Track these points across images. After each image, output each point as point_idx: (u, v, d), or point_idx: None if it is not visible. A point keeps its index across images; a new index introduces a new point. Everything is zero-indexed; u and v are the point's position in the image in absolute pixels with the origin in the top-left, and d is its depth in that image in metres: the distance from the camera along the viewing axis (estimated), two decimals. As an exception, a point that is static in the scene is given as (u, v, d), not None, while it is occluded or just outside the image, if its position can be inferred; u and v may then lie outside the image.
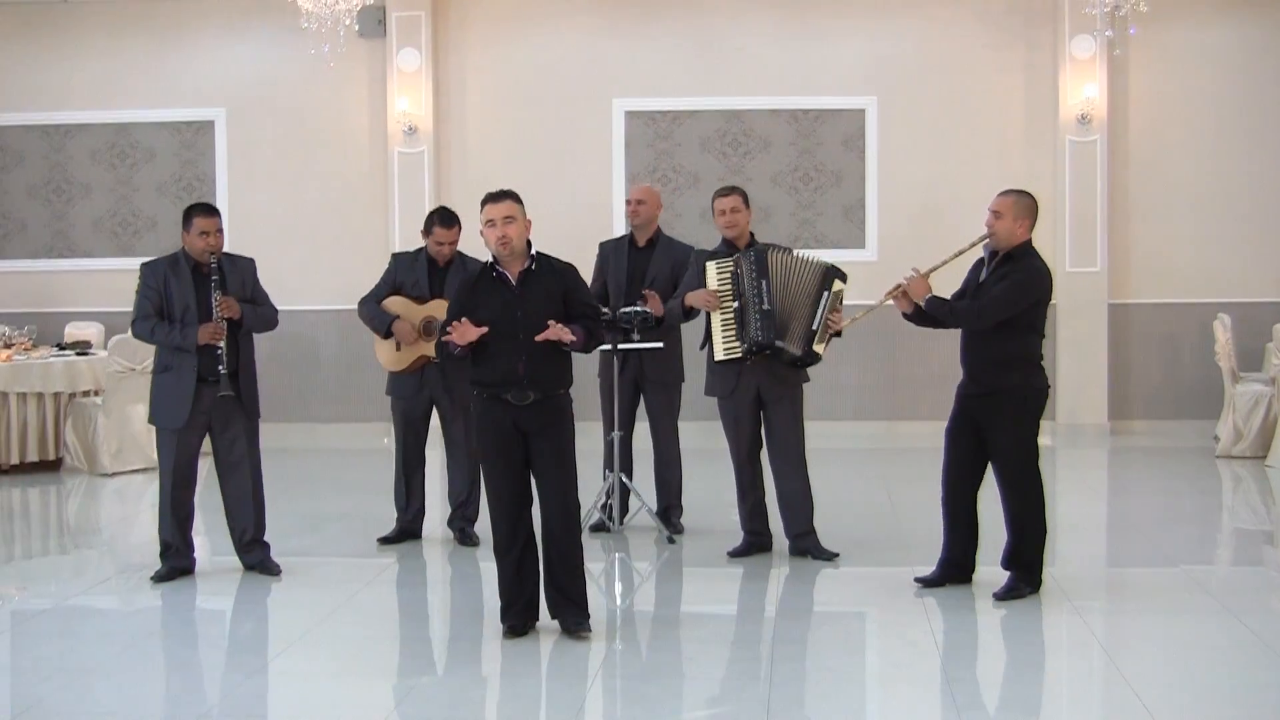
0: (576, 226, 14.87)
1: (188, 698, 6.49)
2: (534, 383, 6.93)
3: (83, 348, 13.80)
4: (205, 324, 8.22)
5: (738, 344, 8.60)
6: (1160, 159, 14.92)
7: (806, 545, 8.90)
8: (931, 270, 8.03)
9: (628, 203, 10.06)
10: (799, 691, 6.40)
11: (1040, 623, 7.52)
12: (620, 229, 14.86)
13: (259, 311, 8.56)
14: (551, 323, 6.91)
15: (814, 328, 8.52)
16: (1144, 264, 14.96)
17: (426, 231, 9.49)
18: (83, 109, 15.68)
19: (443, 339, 7.03)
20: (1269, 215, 14.89)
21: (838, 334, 8.64)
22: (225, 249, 8.45)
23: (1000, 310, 7.75)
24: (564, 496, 7.01)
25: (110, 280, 15.30)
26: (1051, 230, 14.69)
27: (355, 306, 9.88)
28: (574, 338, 6.94)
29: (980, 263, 8.08)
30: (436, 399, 9.38)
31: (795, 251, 8.84)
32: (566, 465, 7.03)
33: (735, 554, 9.00)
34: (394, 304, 9.38)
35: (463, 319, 6.92)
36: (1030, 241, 7.96)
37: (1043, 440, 13.79)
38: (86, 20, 15.63)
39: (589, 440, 9.25)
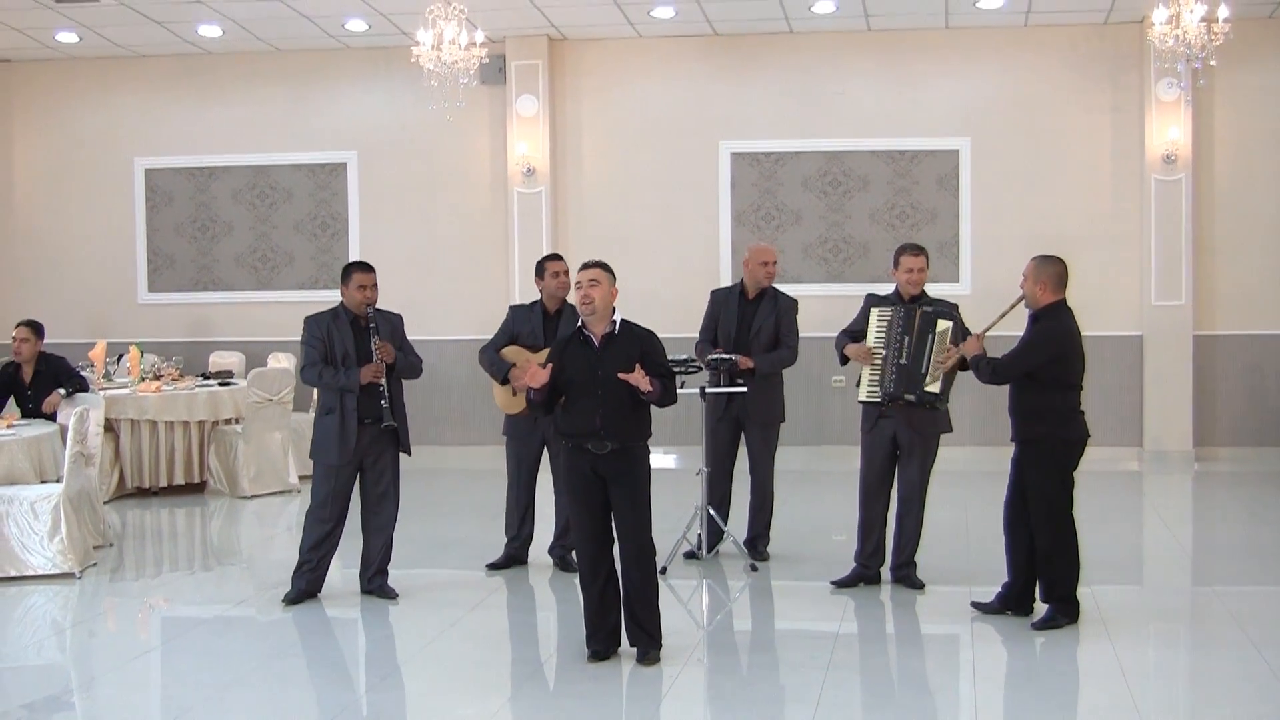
0: (685, 262, 15.85)
1: (309, 712, 7.37)
2: (611, 433, 7.71)
3: (225, 377, 14.83)
4: (367, 365, 9.12)
5: (878, 390, 9.29)
6: (1242, 196, 15.45)
7: (903, 575, 9.59)
8: (986, 330, 8.67)
9: (765, 263, 10.58)
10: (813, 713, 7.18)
11: (1073, 651, 8.11)
12: (726, 263, 15.76)
13: (409, 359, 9.47)
14: (639, 368, 7.66)
15: (923, 371, 9.13)
16: (1227, 297, 15.49)
17: (539, 276, 10.28)
18: (225, 152, 16.85)
19: (514, 382, 7.83)
20: (1348, 248, 15.39)
21: (949, 372, 9.11)
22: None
23: (1012, 369, 8.42)
24: (638, 538, 7.79)
25: (251, 312, 16.45)
26: (1138, 265, 15.33)
27: (478, 336, 10.67)
28: (649, 387, 7.67)
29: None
30: (548, 439, 10.12)
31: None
32: (641, 509, 7.81)
33: (841, 584, 9.65)
34: (510, 352, 10.11)
35: (530, 363, 7.77)
36: (1061, 302, 8.52)
37: (1130, 466, 14.61)
38: (228, 70, 16.80)
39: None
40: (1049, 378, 8.38)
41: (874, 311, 9.41)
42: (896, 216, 15.77)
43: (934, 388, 9.11)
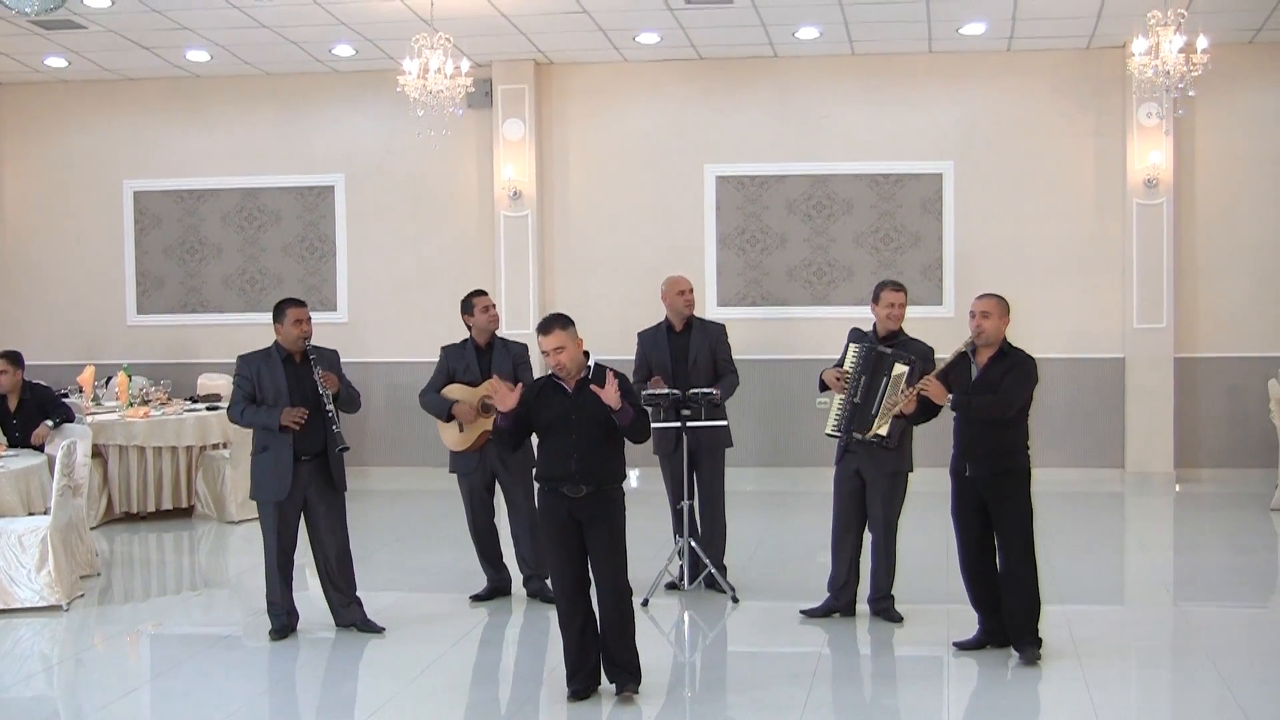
0: (669, 285, 15.85)
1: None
2: (585, 477, 7.78)
3: (213, 401, 14.90)
4: (287, 408, 9.14)
5: (836, 424, 9.42)
6: (1224, 220, 15.59)
7: (881, 608, 9.69)
8: (939, 373, 8.75)
9: (681, 292, 10.68)
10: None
11: (1037, 686, 8.24)
12: (711, 285, 15.88)
13: (349, 392, 9.53)
14: (609, 386, 7.68)
15: (873, 413, 9.22)
16: (1209, 320, 15.63)
17: (468, 312, 10.45)
18: (214, 175, 16.96)
19: (486, 402, 7.90)
20: (1328, 272, 15.52)
21: (901, 416, 9.14)
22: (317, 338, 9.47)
23: (1019, 398, 8.56)
24: (614, 580, 7.86)
25: (239, 334, 16.42)
26: (1120, 288, 15.46)
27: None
28: (618, 404, 7.65)
29: (962, 358, 8.74)
30: (496, 470, 10.27)
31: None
32: (617, 553, 7.89)
33: (811, 614, 9.78)
34: (452, 390, 10.22)
35: (502, 384, 7.85)
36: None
37: (1112, 487, 14.73)
38: (217, 94, 16.90)
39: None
40: (1024, 409, 8.63)
41: (851, 346, 9.52)
42: (880, 240, 15.87)
43: (882, 430, 9.18)
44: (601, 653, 7.96)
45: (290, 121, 16.84)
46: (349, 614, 9.56)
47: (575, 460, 7.75)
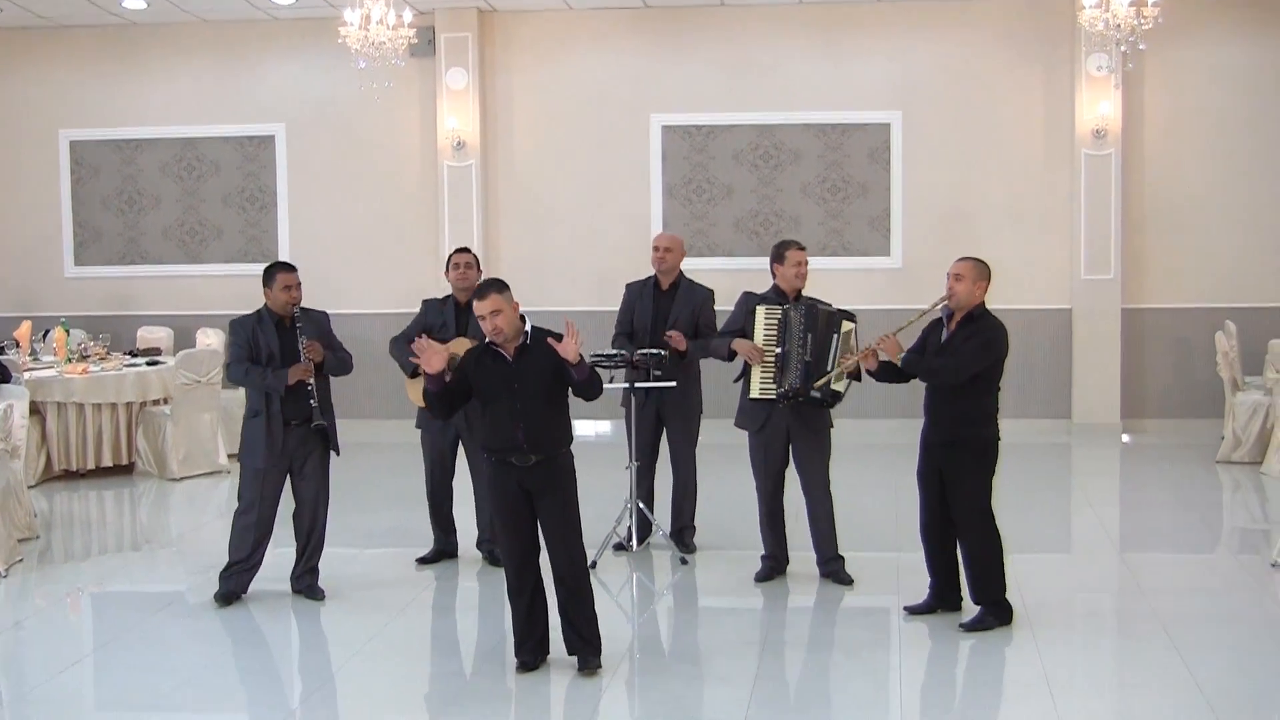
0: (615, 235, 15.80)
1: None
2: (533, 445, 7.63)
3: (152, 355, 14.70)
4: (295, 365, 9.05)
5: (774, 387, 9.31)
6: (1171, 171, 15.56)
7: (831, 570, 9.63)
8: (899, 330, 8.72)
9: (655, 249, 10.61)
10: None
11: (1000, 657, 8.17)
12: (656, 233, 15.66)
13: (338, 356, 9.40)
14: (568, 337, 7.50)
15: (829, 369, 9.16)
16: (1156, 271, 15.62)
17: (447, 270, 10.30)
18: (152, 125, 16.65)
19: (413, 362, 7.77)
20: (1274, 223, 15.54)
21: (855, 375, 9.19)
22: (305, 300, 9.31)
23: (973, 366, 8.40)
24: (570, 548, 7.76)
25: (179, 286, 16.29)
26: (1068, 240, 15.42)
27: (409, 310, 10.70)
28: (575, 357, 7.49)
29: (937, 324, 8.68)
30: (461, 432, 10.15)
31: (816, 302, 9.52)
32: (570, 519, 7.79)
33: (760, 578, 9.69)
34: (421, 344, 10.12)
35: (430, 343, 7.65)
36: (984, 303, 8.56)
37: (1059, 438, 14.73)
38: (156, 42, 16.59)
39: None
40: (986, 379, 8.44)
41: (760, 309, 9.45)
42: (828, 190, 15.77)
43: (839, 386, 9.20)
44: (563, 624, 7.85)
45: (230, 71, 16.54)
46: (304, 580, 9.43)
47: (521, 429, 7.61)
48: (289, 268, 9.22)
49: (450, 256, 10.34)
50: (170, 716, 7.47)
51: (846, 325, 9.21)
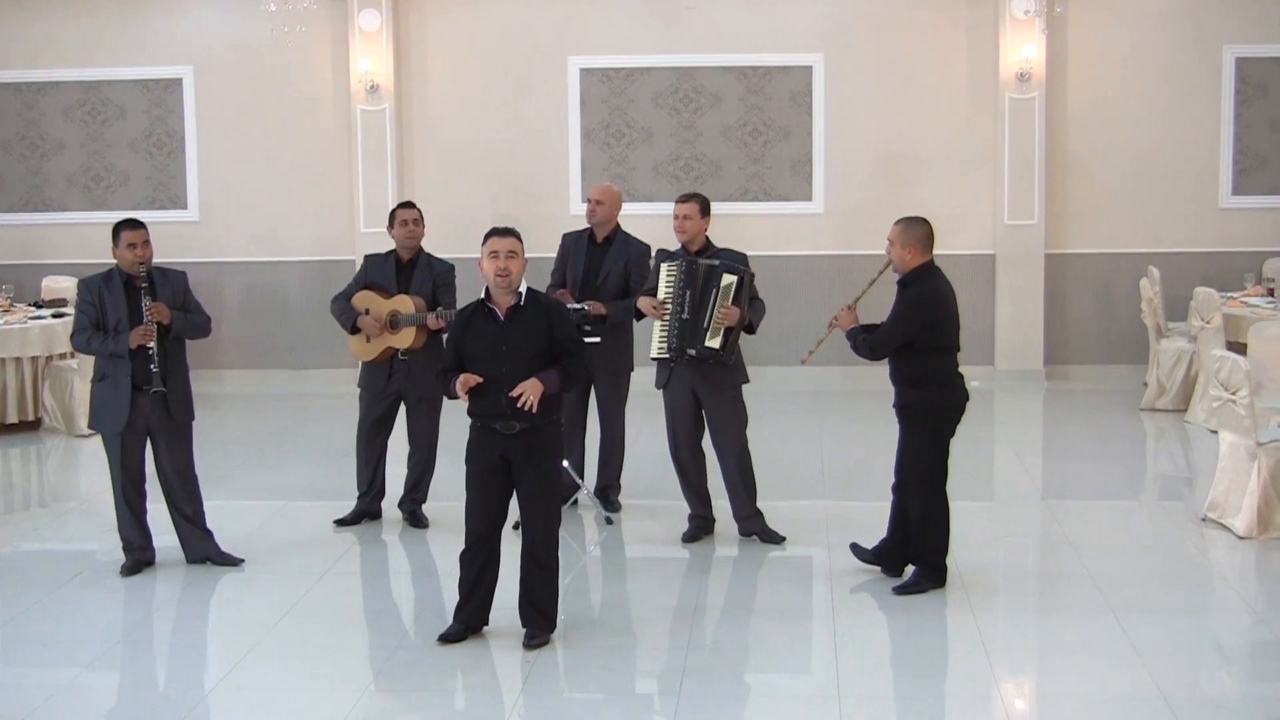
0: (533, 180, 15.55)
1: (158, 711, 7.04)
2: (519, 413, 7.38)
3: (59, 307, 14.25)
4: (136, 328, 8.69)
5: (664, 345, 9.19)
6: (1096, 116, 15.40)
7: (754, 528, 9.47)
8: (856, 301, 8.54)
9: (587, 201, 10.41)
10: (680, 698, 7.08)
11: (937, 622, 8.03)
12: (576, 182, 15.47)
13: (191, 319, 9.00)
14: (531, 383, 7.29)
15: (705, 326, 9.02)
16: (1080, 216, 15.49)
17: (390, 225, 10.00)
18: (54, 67, 16.07)
19: (442, 381, 7.57)
20: (1199, 169, 15.43)
21: (732, 329, 9.03)
22: (157, 259, 9.01)
23: (889, 343, 8.23)
24: (546, 520, 7.54)
25: (84, 234, 15.73)
26: (991, 184, 15.29)
27: (324, 257, 10.38)
28: (541, 389, 7.30)
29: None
30: (403, 393, 9.90)
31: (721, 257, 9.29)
32: (550, 490, 7.58)
33: (687, 539, 9.55)
34: (361, 298, 9.85)
35: (464, 374, 7.39)
36: (930, 264, 8.33)
37: (982, 384, 14.60)
38: (56, -19, 16.00)
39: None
40: (926, 344, 8.19)
41: (663, 266, 9.32)
42: (749, 134, 15.52)
43: (714, 342, 9.05)
44: (522, 596, 7.63)
45: (135, 11, 15.98)
46: (201, 548, 9.14)
47: (507, 397, 7.36)
48: (135, 225, 8.94)
49: (394, 211, 10.07)
50: (84, 689, 7.24)
51: (727, 279, 9.05)
